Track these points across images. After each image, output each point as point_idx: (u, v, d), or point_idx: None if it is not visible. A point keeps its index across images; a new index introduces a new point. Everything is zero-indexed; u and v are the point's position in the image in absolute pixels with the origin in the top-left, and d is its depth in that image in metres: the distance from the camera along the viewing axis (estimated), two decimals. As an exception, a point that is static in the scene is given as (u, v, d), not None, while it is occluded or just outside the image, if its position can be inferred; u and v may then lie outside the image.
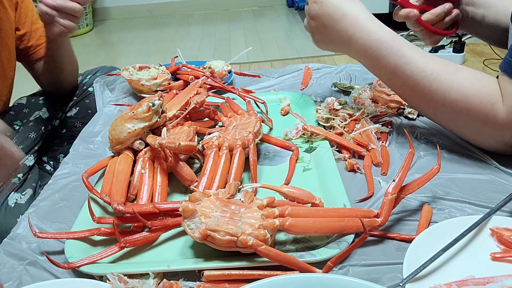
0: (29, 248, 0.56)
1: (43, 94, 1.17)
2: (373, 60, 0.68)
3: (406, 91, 0.67)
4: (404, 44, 0.66)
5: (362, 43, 0.68)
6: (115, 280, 0.46)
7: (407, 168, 0.54)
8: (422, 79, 0.64)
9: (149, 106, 0.66)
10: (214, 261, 0.50)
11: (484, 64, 2.57)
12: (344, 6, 0.69)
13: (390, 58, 0.66)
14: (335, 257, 0.48)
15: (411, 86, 0.65)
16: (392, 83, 0.69)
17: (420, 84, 0.64)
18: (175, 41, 2.81)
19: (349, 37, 0.69)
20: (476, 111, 0.61)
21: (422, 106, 0.67)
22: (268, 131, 0.79)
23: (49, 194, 0.67)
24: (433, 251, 0.47)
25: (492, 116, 0.60)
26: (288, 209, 0.51)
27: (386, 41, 0.66)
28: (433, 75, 0.63)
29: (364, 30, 0.68)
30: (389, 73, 0.67)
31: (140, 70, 0.97)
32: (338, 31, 0.70)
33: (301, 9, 3.48)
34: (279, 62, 2.51)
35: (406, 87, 0.66)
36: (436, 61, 0.64)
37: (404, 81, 0.66)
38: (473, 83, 0.62)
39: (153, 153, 0.65)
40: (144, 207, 0.56)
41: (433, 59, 0.64)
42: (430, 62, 0.64)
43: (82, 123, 1.14)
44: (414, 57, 0.64)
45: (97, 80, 1.05)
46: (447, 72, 0.63)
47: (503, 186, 0.59)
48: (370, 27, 0.67)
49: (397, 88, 0.69)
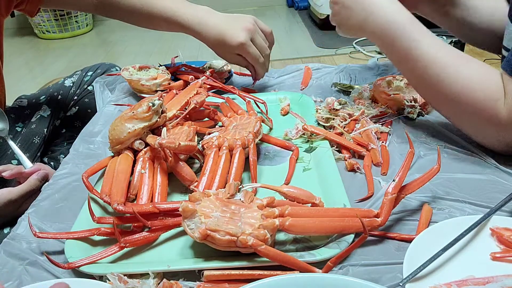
0: (29, 248, 0.56)
1: (43, 93, 1.17)
2: (388, 42, 0.68)
3: (414, 78, 0.67)
4: (419, 28, 0.65)
5: (379, 23, 0.68)
6: (115, 280, 0.46)
7: (407, 168, 0.54)
8: (430, 66, 0.63)
9: (149, 106, 0.66)
10: (214, 261, 0.50)
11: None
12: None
13: (403, 41, 0.65)
14: (335, 257, 0.48)
15: (420, 73, 0.65)
16: (402, 68, 0.69)
17: (428, 72, 0.63)
18: (175, 41, 2.81)
19: (367, 16, 0.69)
20: (479, 107, 0.61)
21: (429, 95, 0.67)
22: (268, 131, 0.79)
23: (49, 194, 0.67)
24: (433, 251, 0.47)
25: (494, 114, 0.60)
26: (288, 209, 0.51)
27: (402, 24, 0.66)
28: (441, 63, 0.62)
29: (381, 10, 0.68)
30: (401, 56, 0.67)
31: (140, 70, 0.97)
32: (357, 12, 0.70)
33: (301, 9, 3.47)
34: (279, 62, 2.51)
35: (415, 73, 0.66)
36: (448, 50, 0.63)
37: (413, 66, 0.65)
38: (481, 78, 0.61)
39: (153, 153, 0.65)
40: (144, 207, 0.56)
41: (446, 48, 0.64)
42: (442, 50, 0.63)
43: (82, 123, 1.14)
44: (426, 43, 0.64)
45: (97, 80, 1.05)
46: (457, 64, 0.62)
47: (503, 186, 0.59)
48: (388, 8, 0.68)
49: (407, 74, 0.69)
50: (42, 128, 1.09)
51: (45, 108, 1.12)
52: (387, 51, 0.71)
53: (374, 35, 0.70)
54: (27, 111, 1.11)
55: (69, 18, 3.22)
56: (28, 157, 1.01)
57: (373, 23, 0.69)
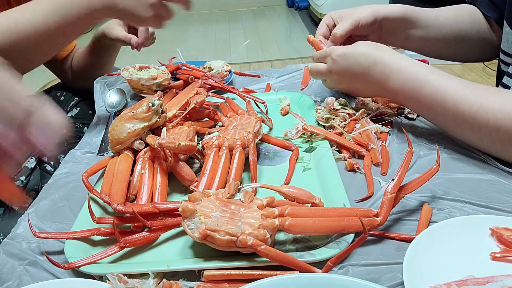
0: (29, 248, 0.56)
1: (44, 94, 1.17)
2: (412, 93, 0.68)
3: (447, 119, 0.66)
4: (440, 72, 0.67)
5: (399, 81, 0.69)
6: (115, 280, 0.46)
7: (406, 167, 0.54)
8: (462, 102, 0.62)
9: (149, 106, 0.66)
10: (214, 261, 0.50)
11: (484, 64, 2.57)
12: (374, 52, 0.71)
13: (429, 88, 0.66)
14: (335, 257, 0.48)
15: (452, 112, 0.64)
16: (432, 112, 0.68)
17: (460, 108, 0.63)
18: (175, 41, 2.81)
19: (386, 79, 0.70)
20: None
21: (465, 132, 0.65)
22: (268, 131, 0.79)
23: (49, 194, 0.67)
24: (433, 250, 0.47)
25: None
26: (287, 209, 0.51)
27: (423, 73, 0.67)
28: (473, 97, 0.62)
29: (401, 68, 0.68)
30: (428, 102, 0.66)
31: (140, 70, 0.97)
32: (372, 76, 0.71)
33: (301, 9, 3.48)
34: (279, 62, 2.51)
35: (447, 114, 0.65)
36: (474, 85, 0.64)
37: (444, 107, 0.65)
38: None
39: (153, 153, 0.65)
40: (144, 207, 0.56)
41: (472, 84, 0.64)
42: (469, 86, 0.64)
43: (82, 124, 1.14)
44: (452, 83, 0.64)
45: (97, 80, 1.05)
46: (487, 94, 0.62)
47: (503, 186, 0.59)
48: (405, 64, 0.69)
49: (439, 117, 0.67)
50: None
51: None
52: (411, 102, 0.70)
53: (396, 93, 0.70)
54: None
55: (69, 18, 3.21)
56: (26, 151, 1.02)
57: (395, 82, 0.69)
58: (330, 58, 0.74)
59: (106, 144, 0.78)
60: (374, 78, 0.71)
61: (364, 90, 0.76)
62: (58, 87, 1.20)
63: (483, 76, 2.48)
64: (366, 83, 0.73)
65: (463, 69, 2.59)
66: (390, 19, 0.83)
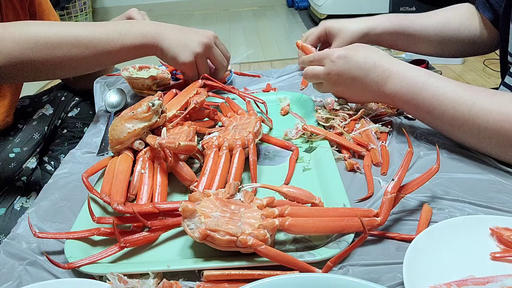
0: (29, 248, 0.56)
1: (46, 94, 1.17)
2: (410, 96, 0.68)
3: (446, 121, 0.66)
4: (438, 76, 0.67)
5: (398, 84, 0.69)
6: (115, 280, 0.46)
7: (406, 167, 0.54)
8: (461, 104, 0.63)
9: (149, 106, 0.66)
10: (214, 261, 0.50)
11: (484, 64, 2.57)
12: (374, 56, 0.71)
13: (427, 91, 0.66)
14: (335, 257, 0.48)
15: (451, 114, 0.64)
16: (430, 116, 0.68)
17: (459, 110, 0.63)
18: (175, 41, 2.81)
19: (384, 82, 0.70)
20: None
21: (465, 135, 0.65)
22: (268, 131, 0.79)
23: (49, 194, 0.67)
24: (433, 250, 0.47)
25: None
26: (288, 209, 0.51)
27: (421, 77, 0.67)
28: (472, 99, 0.62)
29: (399, 72, 0.69)
30: (427, 105, 0.66)
31: (140, 70, 0.97)
32: (371, 79, 0.71)
33: (301, 9, 3.48)
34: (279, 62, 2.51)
35: (445, 117, 0.65)
36: (473, 87, 0.64)
37: (443, 110, 0.65)
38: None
39: (153, 153, 0.65)
40: (144, 207, 0.56)
41: (470, 86, 0.64)
42: (467, 88, 0.64)
43: (83, 124, 1.14)
44: (451, 86, 0.65)
45: (97, 80, 1.05)
46: (486, 95, 0.62)
47: (503, 186, 0.59)
48: (403, 68, 0.69)
49: (437, 120, 0.67)
50: (43, 125, 1.10)
51: (47, 107, 1.13)
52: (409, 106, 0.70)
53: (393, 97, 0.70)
54: (29, 109, 1.12)
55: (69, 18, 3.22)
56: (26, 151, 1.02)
57: (392, 85, 0.70)
58: (329, 60, 0.74)
59: (106, 144, 0.78)
60: (373, 81, 0.71)
61: (361, 94, 0.75)
62: (59, 87, 1.20)
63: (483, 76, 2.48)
64: (364, 86, 0.73)
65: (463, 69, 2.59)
66: (380, 34, 0.92)
